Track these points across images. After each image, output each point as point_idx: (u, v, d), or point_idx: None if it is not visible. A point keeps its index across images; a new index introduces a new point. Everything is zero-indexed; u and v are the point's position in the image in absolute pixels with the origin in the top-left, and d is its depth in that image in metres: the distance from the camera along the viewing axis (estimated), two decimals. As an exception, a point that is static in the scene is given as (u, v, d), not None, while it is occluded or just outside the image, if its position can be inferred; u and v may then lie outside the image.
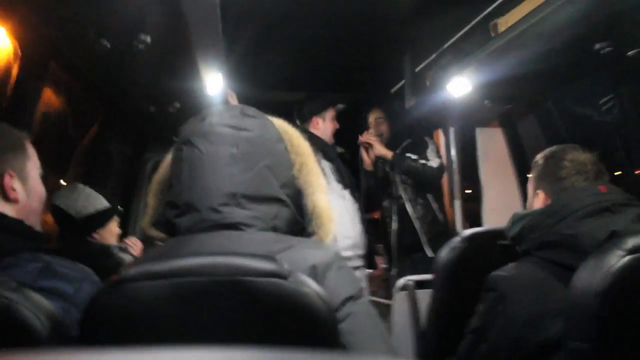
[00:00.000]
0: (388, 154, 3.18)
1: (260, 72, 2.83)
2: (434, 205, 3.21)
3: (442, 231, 3.20)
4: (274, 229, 1.02)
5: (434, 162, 3.14)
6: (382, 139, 3.28)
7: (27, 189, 1.23)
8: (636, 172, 2.54)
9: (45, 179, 1.32)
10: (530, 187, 1.56)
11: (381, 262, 3.37)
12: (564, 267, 1.25)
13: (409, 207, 3.18)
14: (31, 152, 1.26)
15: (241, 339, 0.84)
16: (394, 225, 3.24)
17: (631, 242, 1.14)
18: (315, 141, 2.88)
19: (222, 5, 1.60)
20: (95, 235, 2.08)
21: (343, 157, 3.23)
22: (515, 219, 1.44)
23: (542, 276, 1.29)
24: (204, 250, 0.95)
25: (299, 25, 2.22)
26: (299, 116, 3.08)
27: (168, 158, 1.16)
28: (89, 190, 2.08)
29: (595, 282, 1.10)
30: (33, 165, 1.26)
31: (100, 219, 2.08)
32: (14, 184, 1.19)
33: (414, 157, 3.14)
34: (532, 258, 1.34)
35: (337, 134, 3.13)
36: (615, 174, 2.60)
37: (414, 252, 3.18)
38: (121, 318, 0.82)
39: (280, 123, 1.15)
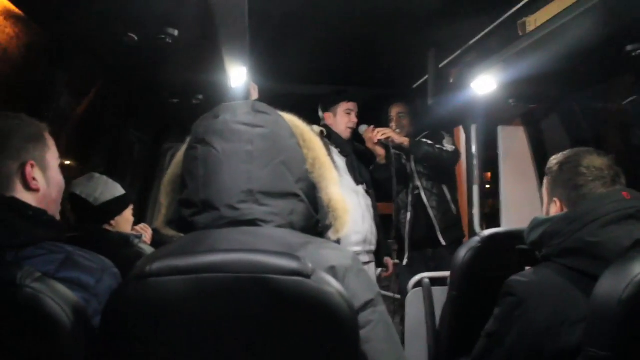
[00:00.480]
0: (405, 141, 3.17)
1: (284, 66, 2.83)
2: (448, 197, 3.23)
3: (454, 223, 3.24)
4: (291, 225, 1.03)
5: (449, 148, 3.16)
6: (403, 133, 3.26)
7: (47, 179, 1.25)
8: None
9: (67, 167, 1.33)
10: (545, 193, 1.52)
11: (391, 262, 3.34)
12: (585, 274, 1.24)
13: (424, 197, 3.19)
14: (50, 142, 1.28)
15: (263, 337, 0.85)
16: (408, 216, 3.24)
17: (657, 252, 1.12)
18: (330, 136, 2.92)
19: (249, -1, 1.61)
20: (112, 223, 2.10)
21: (362, 152, 3.23)
22: (535, 225, 1.41)
23: (561, 283, 1.27)
24: (223, 245, 0.95)
25: (323, 19, 2.21)
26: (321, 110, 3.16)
27: (178, 157, 1.16)
28: (105, 179, 2.10)
29: (619, 290, 1.08)
30: (52, 155, 1.28)
31: (117, 206, 2.10)
32: (35, 173, 1.21)
33: (430, 142, 3.15)
34: (552, 264, 1.32)
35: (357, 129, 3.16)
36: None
37: (425, 246, 3.20)
38: (144, 313, 0.83)
39: (290, 118, 1.16)
